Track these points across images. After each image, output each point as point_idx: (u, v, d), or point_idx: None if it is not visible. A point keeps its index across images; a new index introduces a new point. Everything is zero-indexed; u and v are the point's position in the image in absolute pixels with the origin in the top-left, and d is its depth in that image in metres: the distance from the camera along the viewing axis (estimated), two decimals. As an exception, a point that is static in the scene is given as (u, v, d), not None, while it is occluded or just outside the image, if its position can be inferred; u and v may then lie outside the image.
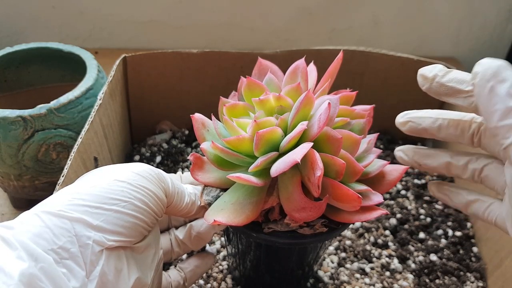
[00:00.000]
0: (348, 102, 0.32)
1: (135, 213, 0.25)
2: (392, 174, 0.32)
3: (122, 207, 0.25)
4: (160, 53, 0.50)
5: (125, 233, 0.25)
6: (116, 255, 0.24)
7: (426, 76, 0.30)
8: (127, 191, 0.25)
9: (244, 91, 0.32)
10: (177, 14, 0.71)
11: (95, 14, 0.71)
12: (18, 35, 0.72)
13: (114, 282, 0.24)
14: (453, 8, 0.71)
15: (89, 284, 0.23)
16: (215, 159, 0.30)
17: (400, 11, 0.71)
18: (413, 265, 0.43)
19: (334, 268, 0.42)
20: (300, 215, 0.28)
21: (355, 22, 0.72)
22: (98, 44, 0.74)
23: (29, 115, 0.41)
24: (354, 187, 0.29)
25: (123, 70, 0.49)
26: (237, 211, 0.29)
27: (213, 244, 0.43)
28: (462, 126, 0.31)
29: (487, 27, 0.73)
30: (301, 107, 0.28)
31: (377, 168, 0.31)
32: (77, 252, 0.23)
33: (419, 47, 0.75)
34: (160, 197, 0.27)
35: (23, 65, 0.51)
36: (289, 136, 0.27)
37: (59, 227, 0.23)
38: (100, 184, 0.25)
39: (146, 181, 0.26)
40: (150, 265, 0.28)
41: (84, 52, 0.49)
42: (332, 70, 0.32)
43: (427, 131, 0.32)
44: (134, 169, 0.27)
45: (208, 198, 0.31)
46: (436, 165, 0.32)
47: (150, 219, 0.26)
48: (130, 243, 0.25)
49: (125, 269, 0.25)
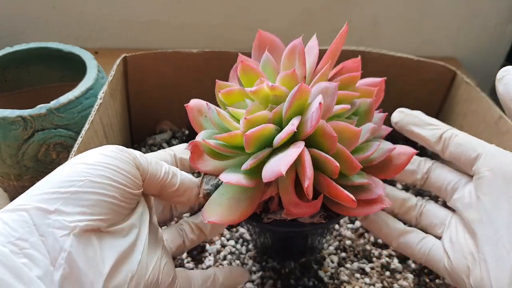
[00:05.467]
0: (352, 83, 0.30)
1: (95, 190, 0.24)
2: (399, 159, 0.31)
3: (79, 186, 0.24)
4: (160, 53, 0.50)
5: (88, 211, 0.24)
6: (86, 240, 0.23)
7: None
8: (84, 170, 0.24)
9: (240, 75, 0.31)
10: (177, 14, 0.71)
11: (95, 14, 0.71)
12: (18, 35, 0.72)
13: (85, 268, 0.23)
14: (453, 8, 0.71)
15: (55, 272, 0.22)
16: (209, 152, 0.30)
17: (400, 11, 0.71)
18: (413, 265, 0.43)
19: (334, 268, 0.42)
20: (297, 211, 0.27)
21: (355, 22, 0.72)
22: (98, 44, 0.74)
23: (29, 115, 0.41)
24: (354, 180, 0.28)
25: (123, 70, 0.49)
26: (231, 208, 0.28)
27: (213, 244, 0.43)
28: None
29: (488, 27, 0.73)
30: (294, 100, 0.27)
31: (383, 154, 0.30)
32: (38, 241, 0.22)
33: (419, 47, 0.75)
34: (127, 169, 0.26)
35: (23, 65, 0.51)
36: (280, 136, 0.27)
37: (15, 220, 0.22)
38: (59, 171, 0.25)
39: (108, 158, 0.26)
40: (138, 248, 0.26)
41: (84, 52, 0.49)
42: (334, 48, 0.30)
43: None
44: (96, 151, 0.26)
45: (208, 187, 0.30)
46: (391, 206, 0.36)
47: (121, 194, 0.25)
48: (103, 223, 0.24)
49: (98, 254, 0.24)
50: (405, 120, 0.36)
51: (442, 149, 0.35)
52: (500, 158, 0.31)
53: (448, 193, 0.34)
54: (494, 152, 0.32)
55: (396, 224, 0.35)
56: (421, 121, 0.36)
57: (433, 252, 0.33)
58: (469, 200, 0.32)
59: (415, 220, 0.36)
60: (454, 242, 0.32)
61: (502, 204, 0.29)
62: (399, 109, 0.37)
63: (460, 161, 0.33)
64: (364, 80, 0.31)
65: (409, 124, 0.36)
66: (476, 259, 0.29)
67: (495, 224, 0.29)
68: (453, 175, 0.35)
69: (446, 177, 0.35)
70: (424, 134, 0.35)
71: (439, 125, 0.35)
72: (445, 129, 0.35)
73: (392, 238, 0.35)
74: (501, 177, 0.30)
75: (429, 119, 0.36)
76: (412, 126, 0.36)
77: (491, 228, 0.29)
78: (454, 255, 0.31)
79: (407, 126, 0.36)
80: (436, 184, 0.35)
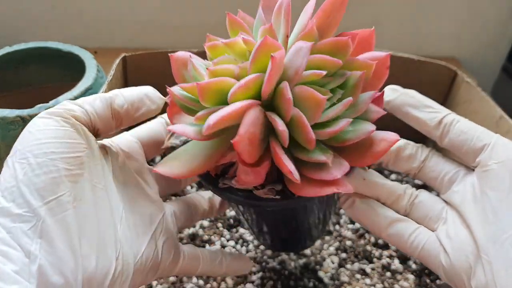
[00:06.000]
0: (343, 49, 0.26)
1: (42, 170, 0.23)
2: (379, 145, 0.26)
3: (24, 174, 0.23)
4: (160, 53, 0.50)
5: (46, 194, 0.23)
6: (56, 224, 0.22)
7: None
8: (22, 156, 0.23)
9: (229, 30, 0.28)
10: (177, 14, 0.71)
11: (94, 13, 0.71)
12: (17, 34, 0.72)
13: (63, 255, 0.22)
14: (454, 8, 0.71)
15: (31, 264, 0.21)
16: (181, 105, 0.27)
17: (401, 11, 0.71)
18: (414, 266, 0.43)
19: (335, 268, 0.42)
20: (245, 178, 0.25)
21: (355, 22, 0.72)
22: (98, 44, 0.73)
23: (28, 115, 0.40)
24: (311, 155, 0.25)
25: (123, 69, 0.49)
26: (184, 162, 0.26)
27: (213, 244, 0.43)
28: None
29: (488, 27, 0.73)
30: (257, 55, 0.24)
31: (358, 135, 0.26)
32: (6, 237, 0.22)
33: (420, 47, 0.75)
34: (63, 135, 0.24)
35: (22, 64, 0.51)
36: (232, 90, 0.24)
37: None
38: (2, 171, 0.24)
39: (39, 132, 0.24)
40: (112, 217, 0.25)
41: (83, 52, 0.49)
42: (329, 7, 0.27)
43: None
44: (25, 130, 0.25)
45: (176, 141, 0.29)
46: (372, 194, 0.31)
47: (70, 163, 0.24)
48: (68, 197, 0.23)
49: (74, 236, 0.23)
50: (399, 100, 0.32)
51: (441, 135, 0.31)
52: (511, 151, 0.28)
53: (444, 184, 0.31)
54: (503, 143, 0.29)
55: (387, 211, 0.31)
56: (418, 102, 0.32)
57: (428, 246, 0.29)
58: (472, 195, 0.29)
59: (404, 212, 0.32)
60: (453, 237, 0.28)
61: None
62: (391, 86, 0.33)
63: (462, 151, 0.30)
64: (365, 54, 0.28)
65: (404, 105, 0.32)
66: (479, 261, 0.27)
67: (503, 223, 0.26)
68: (451, 165, 0.31)
69: (444, 167, 0.31)
70: (421, 117, 0.31)
71: (439, 109, 0.31)
72: (446, 113, 0.31)
73: (381, 227, 0.30)
74: (511, 172, 0.27)
75: (428, 101, 0.32)
76: (408, 107, 0.31)
77: (498, 227, 0.26)
78: (453, 252, 0.28)
79: (402, 107, 0.32)
80: (432, 174, 0.31)
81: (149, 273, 0.27)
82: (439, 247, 0.29)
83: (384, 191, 0.31)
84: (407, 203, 0.31)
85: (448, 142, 0.31)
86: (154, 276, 0.28)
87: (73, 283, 0.22)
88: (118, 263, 0.24)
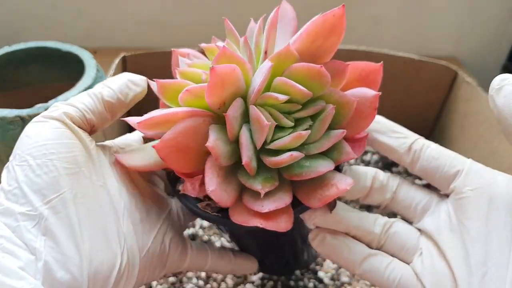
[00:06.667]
0: (318, 78, 0.24)
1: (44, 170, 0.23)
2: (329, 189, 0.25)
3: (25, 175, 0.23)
4: (160, 52, 0.50)
5: (47, 192, 0.23)
6: (60, 221, 0.23)
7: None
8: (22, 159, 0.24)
9: (227, 36, 0.28)
10: (176, 13, 0.71)
11: (94, 13, 0.71)
12: (16, 34, 0.72)
13: (67, 251, 0.22)
14: (454, 8, 0.71)
15: (37, 260, 0.22)
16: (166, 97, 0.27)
17: (401, 10, 0.71)
18: (414, 266, 0.42)
19: (335, 269, 0.42)
20: (184, 187, 0.26)
21: (355, 22, 0.72)
22: (97, 44, 0.73)
23: (27, 115, 0.40)
24: (249, 182, 0.25)
25: (122, 69, 0.49)
26: (145, 155, 0.27)
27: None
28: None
29: (489, 27, 0.73)
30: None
31: (308, 172, 0.25)
32: (10, 235, 0.22)
33: (420, 47, 0.74)
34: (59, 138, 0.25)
35: (21, 64, 0.50)
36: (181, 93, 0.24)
37: None
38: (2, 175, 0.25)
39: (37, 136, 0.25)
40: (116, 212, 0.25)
41: (83, 52, 0.49)
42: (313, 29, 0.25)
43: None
44: (23, 134, 0.26)
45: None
46: (342, 228, 0.29)
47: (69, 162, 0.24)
48: (69, 194, 0.23)
49: (77, 232, 0.23)
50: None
51: (411, 162, 0.30)
52: (486, 178, 0.27)
53: (418, 213, 0.30)
54: (477, 169, 0.28)
55: (359, 246, 0.29)
56: (385, 127, 0.31)
57: (404, 281, 0.28)
58: (447, 224, 0.27)
59: (378, 244, 0.30)
60: (430, 270, 0.27)
61: (491, 232, 0.25)
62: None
63: (434, 178, 0.29)
64: (354, 90, 0.26)
65: (371, 131, 0.30)
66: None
67: (482, 255, 0.25)
68: (422, 193, 0.30)
69: (415, 195, 0.30)
70: (390, 143, 0.30)
71: (406, 134, 0.30)
72: (414, 138, 0.30)
73: (355, 264, 0.29)
74: (487, 200, 0.26)
75: (394, 126, 0.31)
76: (376, 134, 0.30)
77: (476, 260, 0.25)
78: (432, 283, 0.27)
79: (370, 134, 0.31)
80: (403, 203, 0.30)
81: (157, 268, 0.28)
82: (416, 282, 0.28)
83: (354, 224, 0.29)
84: (381, 234, 0.29)
85: (419, 169, 0.30)
86: (163, 271, 0.28)
87: (79, 278, 0.22)
88: (124, 257, 0.24)
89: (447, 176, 0.28)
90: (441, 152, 0.29)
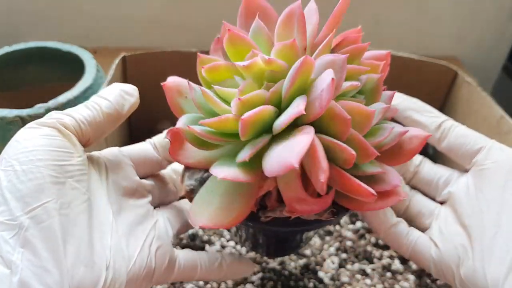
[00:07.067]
0: (359, 55, 0.26)
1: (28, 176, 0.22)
2: (411, 143, 0.27)
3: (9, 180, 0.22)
4: (160, 52, 0.50)
5: (30, 200, 0.22)
6: (41, 233, 0.21)
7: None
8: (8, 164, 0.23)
9: (227, 46, 0.25)
10: (176, 13, 0.71)
11: (94, 13, 0.71)
12: (16, 34, 0.72)
13: (47, 265, 0.21)
14: (454, 7, 0.71)
15: (12, 275, 0.21)
16: (194, 140, 0.25)
17: (401, 10, 0.71)
18: (414, 266, 0.42)
19: (335, 269, 0.42)
20: (302, 208, 0.24)
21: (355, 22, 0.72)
22: (97, 44, 0.73)
23: (27, 115, 0.40)
24: (366, 169, 0.25)
25: (122, 69, 0.49)
26: (225, 209, 0.24)
27: (212, 244, 0.43)
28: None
29: (489, 26, 0.73)
30: (298, 76, 0.22)
31: (394, 138, 0.26)
32: None
33: (421, 47, 0.74)
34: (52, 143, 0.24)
35: (21, 64, 0.50)
36: (282, 120, 0.22)
37: None
38: None
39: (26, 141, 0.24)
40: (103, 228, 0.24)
41: (82, 52, 0.49)
42: (338, 13, 0.26)
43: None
44: (13, 140, 0.25)
45: (191, 182, 0.27)
46: None
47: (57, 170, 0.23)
48: (54, 204, 0.22)
49: (59, 246, 0.22)
50: (403, 104, 0.34)
51: (439, 138, 0.33)
52: (506, 153, 0.30)
53: (440, 187, 0.33)
54: (500, 147, 0.31)
55: (390, 213, 0.32)
56: (420, 107, 0.34)
57: (420, 243, 0.31)
58: (465, 192, 0.30)
59: (403, 210, 0.34)
60: (444, 232, 0.30)
61: (506, 198, 0.28)
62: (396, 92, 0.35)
63: (459, 153, 0.32)
64: (366, 53, 0.27)
65: (408, 109, 0.34)
66: (469, 251, 0.28)
67: (497, 217, 0.28)
68: (444, 169, 0.33)
69: (437, 170, 0.33)
70: (422, 120, 0.33)
71: (438, 114, 0.34)
72: (444, 118, 0.33)
73: (386, 228, 0.32)
74: (506, 171, 0.29)
75: (429, 107, 0.34)
76: (411, 111, 0.34)
77: (492, 220, 0.28)
78: (444, 244, 0.30)
79: (406, 111, 0.34)
80: (427, 178, 0.33)
81: (144, 281, 0.26)
82: (430, 243, 0.31)
83: None
84: (406, 202, 0.33)
85: (446, 145, 0.33)
86: (150, 284, 0.27)
87: None
88: (109, 272, 0.23)
89: (471, 152, 0.31)
90: (468, 131, 0.33)
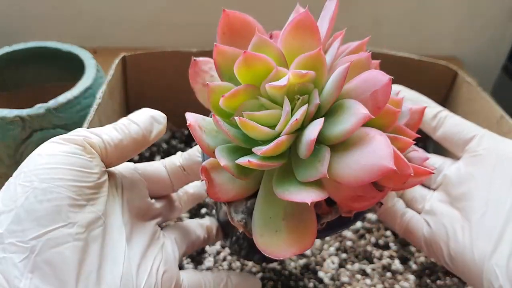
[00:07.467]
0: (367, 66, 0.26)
1: (45, 196, 0.21)
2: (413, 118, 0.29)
3: (26, 198, 0.21)
4: (160, 52, 0.50)
5: (45, 222, 0.21)
6: (51, 258, 0.20)
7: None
8: (27, 179, 0.22)
9: (239, 70, 0.24)
10: (176, 13, 0.71)
11: (94, 13, 0.71)
12: (16, 34, 0.72)
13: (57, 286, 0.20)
14: (454, 7, 0.71)
15: None
16: (239, 173, 0.24)
17: (401, 10, 0.71)
18: (414, 266, 0.42)
19: (335, 269, 0.42)
20: (360, 204, 0.24)
21: (355, 22, 0.72)
22: (97, 44, 0.73)
23: (27, 115, 0.40)
24: (409, 153, 0.27)
25: (122, 69, 0.49)
26: (294, 233, 0.23)
27: (213, 245, 0.43)
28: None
29: (489, 26, 0.73)
30: (342, 82, 0.22)
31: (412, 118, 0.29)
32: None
33: (421, 47, 0.74)
34: (75, 162, 0.23)
35: (21, 64, 0.50)
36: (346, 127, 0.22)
37: None
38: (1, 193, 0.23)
39: (48, 157, 0.23)
40: (115, 256, 0.23)
41: (82, 52, 0.49)
42: (334, 17, 0.29)
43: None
44: (34, 153, 0.24)
45: (241, 216, 0.26)
46: None
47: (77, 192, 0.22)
48: (68, 229, 0.21)
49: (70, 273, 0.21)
50: (401, 95, 0.34)
51: (435, 127, 0.35)
52: (497, 140, 0.33)
53: (434, 175, 0.34)
54: (491, 135, 0.33)
55: (391, 194, 0.35)
56: (417, 98, 0.36)
57: (413, 222, 0.33)
58: (457, 176, 0.32)
59: (397, 196, 0.36)
60: (436, 212, 0.32)
61: (495, 180, 0.30)
62: (395, 85, 0.37)
63: (453, 141, 0.34)
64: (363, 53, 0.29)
65: (405, 100, 0.34)
66: (459, 229, 0.30)
67: (486, 197, 0.30)
68: (438, 158, 0.35)
69: (431, 159, 0.35)
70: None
71: (434, 105, 0.36)
72: (440, 109, 0.36)
73: (384, 206, 0.34)
74: (496, 155, 0.31)
75: (425, 98, 0.36)
76: (408, 102, 0.34)
77: (481, 201, 0.30)
78: (435, 223, 0.31)
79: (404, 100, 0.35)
80: None
81: None
82: (423, 222, 0.33)
83: None
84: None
85: (441, 133, 0.35)
86: None
87: None
88: None
89: (465, 140, 0.33)
90: (462, 120, 0.35)
